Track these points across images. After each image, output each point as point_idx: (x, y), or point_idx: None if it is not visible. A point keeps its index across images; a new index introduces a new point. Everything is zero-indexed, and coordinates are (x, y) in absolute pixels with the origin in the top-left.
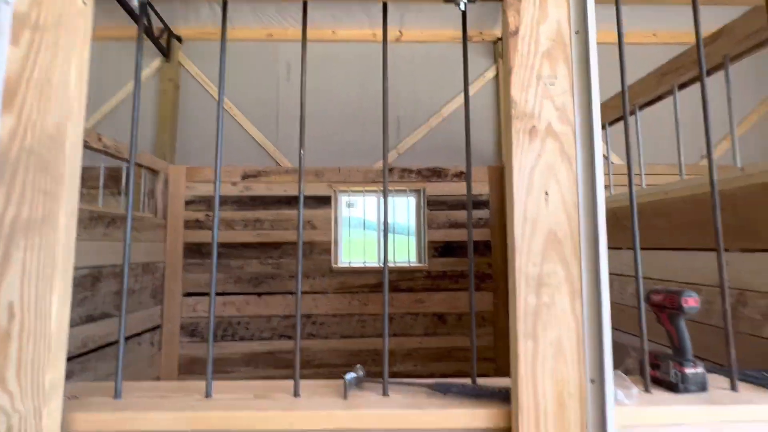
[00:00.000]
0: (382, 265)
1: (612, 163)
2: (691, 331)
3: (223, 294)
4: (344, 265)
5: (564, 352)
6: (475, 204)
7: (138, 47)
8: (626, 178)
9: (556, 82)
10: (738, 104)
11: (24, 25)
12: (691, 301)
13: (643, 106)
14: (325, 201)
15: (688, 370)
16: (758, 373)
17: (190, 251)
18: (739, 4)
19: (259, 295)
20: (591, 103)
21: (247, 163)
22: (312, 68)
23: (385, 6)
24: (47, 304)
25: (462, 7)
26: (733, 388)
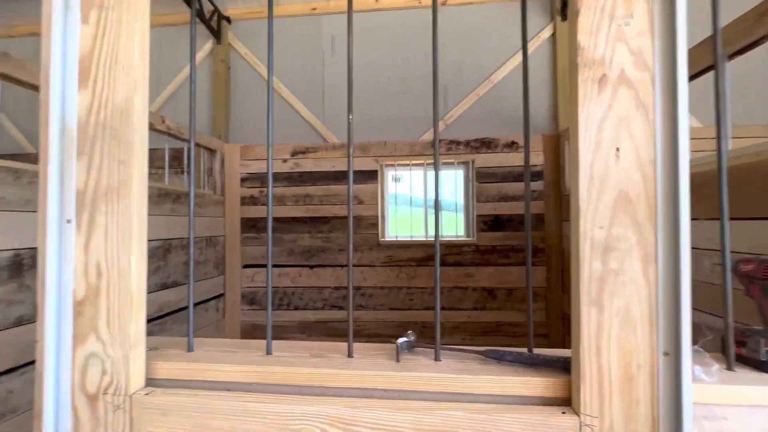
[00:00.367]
0: (431, 238)
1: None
2: None
3: (277, 266)
4: (391, 239)
5: (633, 322)
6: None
7: (191, 31)
8: (702, 144)
9: (632, 22)
10: None
11: (92, 3)
12: None
13: (732, 55)
14: (371, 175)
15: None
16: None
17: (247, 226)
18: None
19: (311, 267)
20: (675, 45)
21: (295, 139)
22: (355, 41)
23: None
24: (127, 264)
25: None
26: None
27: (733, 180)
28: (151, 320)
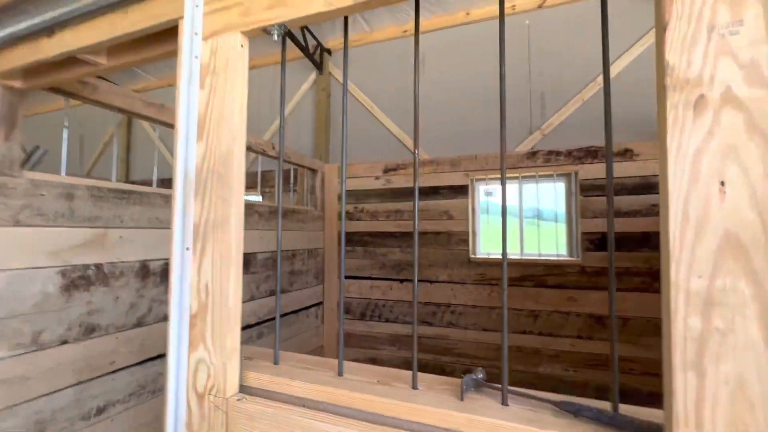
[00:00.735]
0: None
1: None
2: None
3: (369, 278)
4: (483, 256)
5: (748, 396)
6: (643, 187)
7: (281, 70)
8: None
9: (741, 30)
10: None
11: (207, 72)
12: None
13: None
14: (461, 190)
15: None
16: None
17: None
18: None
19: (401, 281)
20: None
21: (387, 156)
22: (444, 56)
23: None
24: (227, 286)
25: None
26: None
27: None
28: (263, 322)
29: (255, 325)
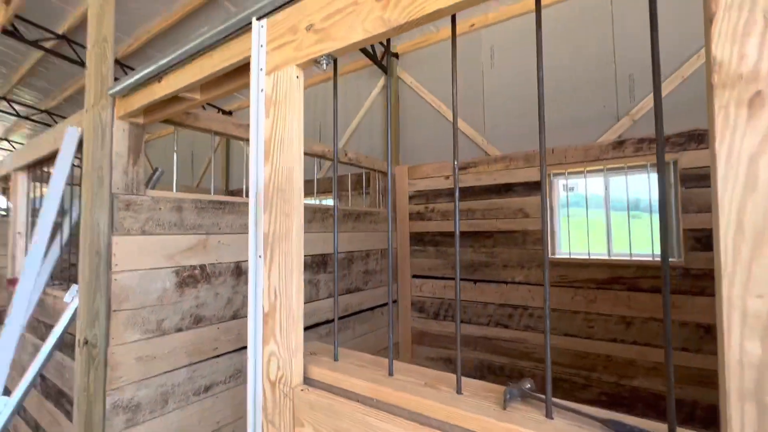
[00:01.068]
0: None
1: None
2: None
3: (442, 278)
4: (563, 256)
5: None
6: None
7: (334, 89)
8: None
9: None
10: None
11: (270, 103)
12: None
13: None
14: (537, 187)
15: None
16: None
17: (414, 239)
18: None
19: (475, 282)
20: None
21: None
22: (514, 47)
23: None
24: (291, 290)
25: None
26: None
27: None
28: (340, 318)
29: (332, 321)
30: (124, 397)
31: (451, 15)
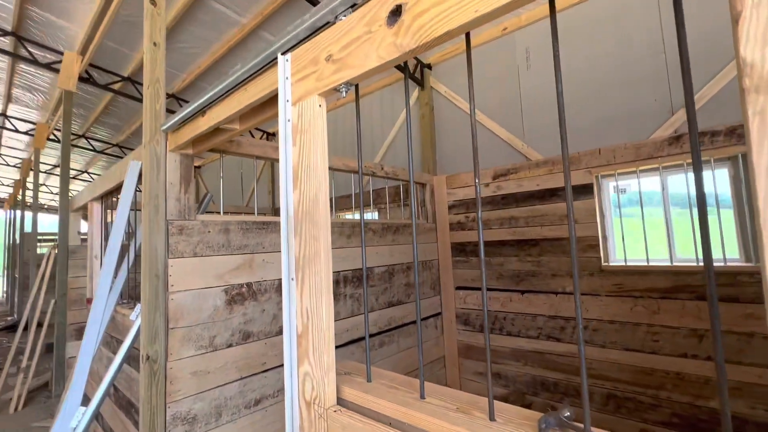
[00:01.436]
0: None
1: None
2: None
3: (488, 289)
4: (618, 264)
5: None
6: None
7: (356, 112)
8: None
9: None
10: None
11: (297, 131)
12: None
13: None
14: (584, 190)
15: None
16: None
17: (456, 250)
18: None
19: (522, 292)
20: None
21: (497, 162)
22: (550, 47)
23: None
24: (322, 311)
25: None
26: None
27: None
28: (384, 332)
29: (376, 334)
30: (182, 409)
31: (464, 33)
